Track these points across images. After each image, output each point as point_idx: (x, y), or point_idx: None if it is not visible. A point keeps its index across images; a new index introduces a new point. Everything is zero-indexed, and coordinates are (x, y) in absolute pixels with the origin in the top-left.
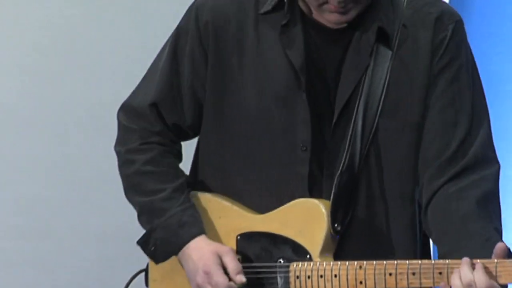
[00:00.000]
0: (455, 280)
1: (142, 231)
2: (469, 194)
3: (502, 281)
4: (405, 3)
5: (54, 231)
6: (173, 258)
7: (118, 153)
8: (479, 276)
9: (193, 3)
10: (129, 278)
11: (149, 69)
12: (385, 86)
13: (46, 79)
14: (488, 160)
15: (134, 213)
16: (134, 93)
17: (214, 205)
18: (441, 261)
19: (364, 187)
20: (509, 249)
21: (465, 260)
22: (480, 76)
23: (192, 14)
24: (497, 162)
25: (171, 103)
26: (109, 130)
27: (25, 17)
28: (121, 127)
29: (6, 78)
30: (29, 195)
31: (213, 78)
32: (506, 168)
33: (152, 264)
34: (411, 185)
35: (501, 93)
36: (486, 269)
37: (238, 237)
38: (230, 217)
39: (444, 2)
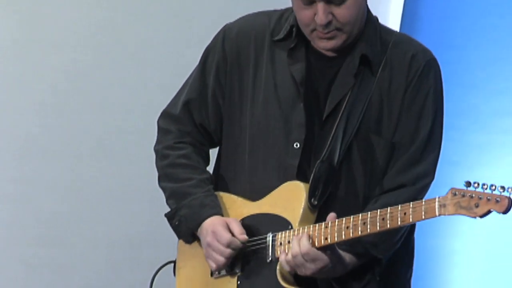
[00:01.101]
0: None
1: (144, 240)
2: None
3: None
4: (391, 43)
5: (69, 239)
6: (193, 246)
7: (156, 151)
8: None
9: (223, 26)
10: (134, 278)
11: (184, 84)
12: (366, 103)
13: (63, 115)
14: (422, 178)
15: (137, 224)
16: (171, 103)
17: (224, 200)
18: (383, 209)
19: (345, 176)
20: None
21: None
22: None
23: (220, 36)
24: (430, 178)
25: (199, 104)
26: (114, 156)
27: (44, 62)
28: (159, 130)
29: (30, 114)
30: (48, 210)
31: (231, 89)
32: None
33: (178, 255)
34: (378, 181)
35: None
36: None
37: (241, 221)
38: (235, 208)
39: (420, 43)
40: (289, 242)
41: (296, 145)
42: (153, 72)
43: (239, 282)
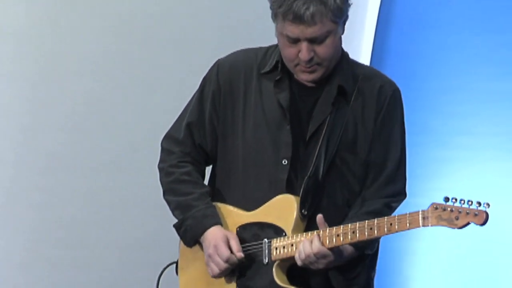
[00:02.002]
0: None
1: (151, 243)
2: (367, 208)
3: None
4: (361, 76)
5: (87, 242)
6: (194, 250)
7: (161, 169)
8: (307, 246)
9: (216, 61)
10: (142, 275)
11: (184, 109)
12: (343, 127)
13: (82, 133)
14: (398, 195)
15: (145, 228)
16: (173, 126)
17: (222, 210)
18: (371, 221)
19: (327, 189)
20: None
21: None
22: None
23: (214, 69)
24: (403, 195)
25: (198, 127)
26: (125, 170)
27: (65, 89)
28: (163, 150)
29: (53, 133)
30: (69, 216)
31: (224, 115)
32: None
33: (180, 256)
34: (356, 193)
35: None
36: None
37: (238, 229)
38: (232, 217)
39: (386, 76)
40: (283, 247)
41: (284, 161)
42: (158, 97)
43: (238, 282)
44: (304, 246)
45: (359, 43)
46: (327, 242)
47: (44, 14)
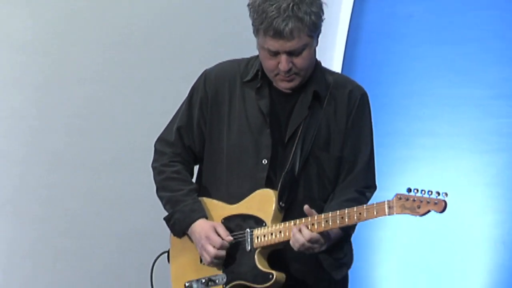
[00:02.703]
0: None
1: (146, 234)
2: (345, 197)
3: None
4: (333, 82)
5: (89, 233)
6: (183, 240)
7: (154, 168)
8: (301, 234)
9: (204, 71)
10: (138, 262)
11: (175, 115)
12: (317, 128)
13: (84, 134)
14: (370, 187)
15: (141, 221)
16: (165, 130)
17: (208, 204)
18: (342, 210)
19: (303, 184)
20: (326, 202)
21: (294, 227)
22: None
23: (202, 79)
24: (374, 187)
25: (188, 130)
26: (124, 168)
27: (69, 94)
28: (156, 151)
29: (58, 134)
30: (73, 209)
31: (211, 120)
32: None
33: (171, 246)
34: (329, 188)
35: None
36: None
37: (222, 220)
38: (217, 210)
39: (355, 81)
40: (264, 235)
41: (264, 161)
42: (153, 102)
43: (224, 267)
44: (297, 236)
45: (331, 54)
46: (326, 225)
47: (50, 28)
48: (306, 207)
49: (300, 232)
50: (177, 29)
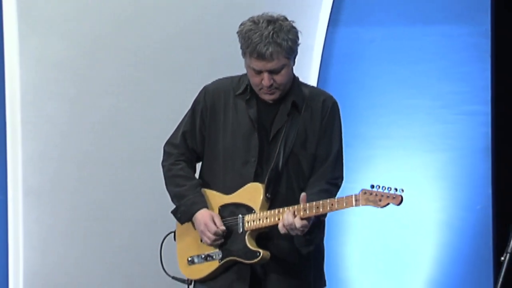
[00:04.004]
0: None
1: (157, 217)
2: (319, 188)
3: (309, 215)
4: (308, 93)
5: (107, 217)
6: (188, 224)
7: (163, 166)
8: (289, 218)
9: (204, 87)
10: (150, 240)
11: (180, 123)
12: (296, 131)
13: (107, 137)
14: (338, 179)
15: (154, 207)
16: (172, 135)
17: (208, 194)
18: (318, 202)
19: (285, 178)
20: (305, 195)
21: (287, 210)
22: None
23: (202, 93)
24: (341, 182)
25: (191, 135)
26: (140, 165)
27: (94, 104)
28: (165, 152)
29: (86, 137)
30: (95, 199)
31: (210, 126)
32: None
33: (177, 228)
34: (306, 180)
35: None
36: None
37: (219, 207)
38: (215, 199)
39: (327, 92)
40: (253, 220)
41: (253, 160)
42: (163, 112)
43: (220, 246)
44: (288, 218)
45: (308, 72)
46: (309, 212)
47: (79, 49)
48: (303, 194)
49: (293, 216)
50: (183, 52)
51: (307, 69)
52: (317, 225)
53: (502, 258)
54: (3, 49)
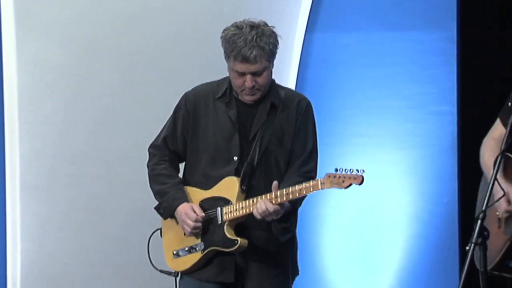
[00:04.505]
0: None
1: (146, 214)
2: (293, 180)
3: (277, 202)
4: (284, 94)
5: (102, 210)
6: (171, 220)
7: (148, 166)
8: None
9: (185, 93)
10: (140, 234)
11: (163, 127)
12: (273, 130)
13: (102, 137)
14: (310, 172)
15: (142, 203)
16: (156, 138)
17: (189, 190)
18: (287, 188)
19: (260, 172)
20: (278, 183)
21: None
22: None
23: (183, 99)
24: (315, 175)
25: (172, 139)
26: (132, 163)
27: (89, 106)
28: (149, 153)
29: (80, 136)
30: (90, 192)
31: (191, 128)
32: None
33: (162, 224)
34: (281, 174)
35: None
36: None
37: (200, 202)
38: (196, 195)
39: (301, 94)
40: (231, 211)
41: (235, 159)
42: (152, 113)
43: (202, 237)
44: (261, 205)
45: (288, 75)
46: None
47: (75, 53)
48: (275, 183)
49: (265, 204)
50: (173, 56)
51: (287, 72)
52: (292, 212)
53: (467, 248)
54: (1, 52)
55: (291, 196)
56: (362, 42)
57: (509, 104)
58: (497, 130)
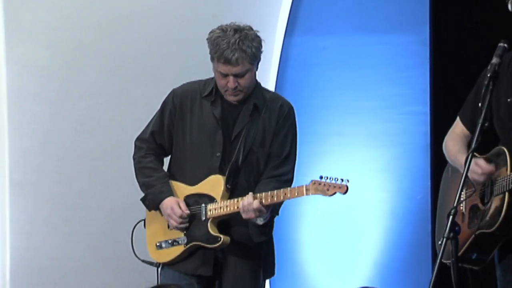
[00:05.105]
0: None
1: (131, 206)
2: (272, 185)
3: (265, 203)
4: (268, 97)
5: (88, 205)
6: (155, 212)
7: (134, 159)
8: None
9: (172, 89)
10: (125, 226)
11: (151, 120)
12: (256, 131)
13: (88, 135)
14: (285, 175)
15: (127, 198)
16: (143, 131)
17: (174, 185)
18: (273, 191)
19: (243, 171)
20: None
21: (250, 194)
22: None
23: (170, 95)
24: (292, 177)
25: (159, 133)
26: (118, 160)
27: (73, 106)
28: (136, 146)
29: (67, 134)
30: (76, 188)
31: (177, 124)
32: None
33: (146, 216)
34: (261, 174)
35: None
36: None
37: (185, 197)
38: (181, 190)
39: (284, 98)
40: (215, 209)
41: (218, 154)
42: (136, 111)
43: (185, 232)
44: (248, 199)
45: (267, 76)
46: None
47: (61, 57)
48: (250, 194)
49: (251, 199)
50: (154, 59)
51: (267, 74)
52: (270, 222)
53: (440, 242)
54: None
55: (275, 199)
56: (338, 45)
57: (479, 104)
58: (458, 127)
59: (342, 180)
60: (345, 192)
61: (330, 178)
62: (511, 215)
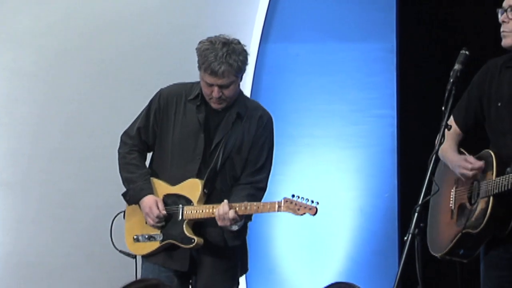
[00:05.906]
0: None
1: (114, 202)
2: (247, 192)
3: (239, 213)
4: (249, 107)
5: (76, 203)
6: (135, 206)
7: (119, 153)
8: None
9: (159, 90)
10: (103, 218)
11: (136, 118)
12: (236, 138)
13: (76, 135)
14: (260, 182)
15: (111, 194)
16: (129, 127)
17: (155, 182)
18: (247, 203)
19: (221, 178)
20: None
21: (225, 202)
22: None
23: (158, 95)
24: (266, 185)
25: (145, 130)
26: (105, 158)
27: (59, 106)
28: (121, 141)
29: (54, 135)
30: (66, 188)
31: (161, 124)
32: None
33: (126, 209)
34: (236, 181)
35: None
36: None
37: (164, 196)
38: (161, 188)
39: (264, 108)
40: (191, 211)
41: (198, 158)
42: (122, 112)
43: (162, 229)
44: (224, 207)
45: (243, 81)
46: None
47: (48, 60)
48: (226, 202)
49: (227, 208)
50: (136, 65)
51: (243, 78)
52: (244, 227)
53: (406, 238)
54: None
55: (248, 210)
56: (311, 52)
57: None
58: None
59: (313, 201)
60: (315, 214)
61: (302, 198)
62: (495, 218)
